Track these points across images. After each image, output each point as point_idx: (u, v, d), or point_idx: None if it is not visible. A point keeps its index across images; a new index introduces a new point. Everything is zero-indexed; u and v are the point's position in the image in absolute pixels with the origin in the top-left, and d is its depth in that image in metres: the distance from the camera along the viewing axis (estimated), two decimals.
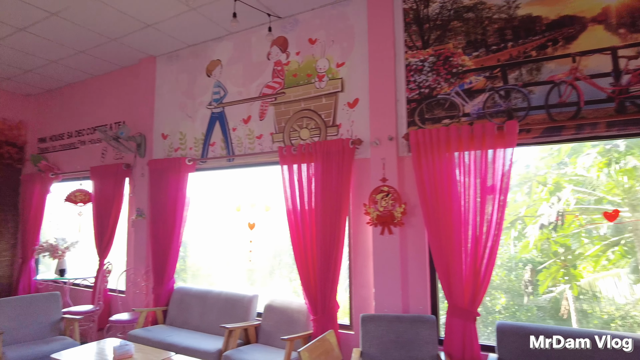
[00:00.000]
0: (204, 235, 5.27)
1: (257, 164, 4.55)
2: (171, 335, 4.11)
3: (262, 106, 4.50)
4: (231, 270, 5.00)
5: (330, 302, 3.68)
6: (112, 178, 5.43)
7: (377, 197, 3.62)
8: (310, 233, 3.83)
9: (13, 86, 6.63)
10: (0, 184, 6.68)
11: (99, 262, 5.37)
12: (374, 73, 3.84)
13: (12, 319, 4.04)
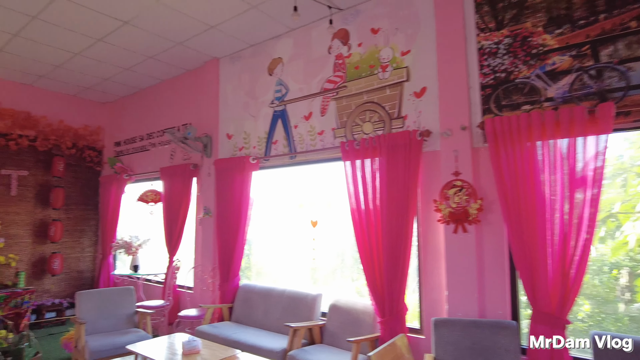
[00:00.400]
0: (268, 233, 5.27)
1: (318, 160, 4.45)
2: (236, 333, 4.13)
3: (323, 101, 4.40)
4: (294, 268, 4.95)
5: (398, 304, 3.48)
6: (181, 178, 5.62)
7: (449, 192, 3.36)
8: (376, 231, 3.66)
9: (92, 95, 7.14)
10: (83, 186, 7.22)
11: (169, 259, 5.58)
12: (443, 59, 3.58)
13: (93, 310, 4.29)
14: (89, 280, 7.18)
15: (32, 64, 5.80)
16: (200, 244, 5.44)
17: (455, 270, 3.33)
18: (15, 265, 6.20)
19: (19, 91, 6.54)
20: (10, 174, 6.35)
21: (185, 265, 5.61)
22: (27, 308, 5.79)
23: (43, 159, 6.73)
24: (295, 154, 4.57)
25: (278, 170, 4.97)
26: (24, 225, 6.47)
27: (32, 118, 6.56)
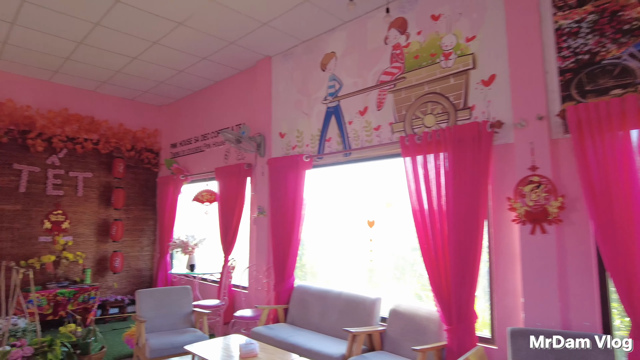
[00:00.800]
0: (321, 233, 5.13)
1: (375, 157, 4.25)
2: (293, 336, 4.01)
3: (379, 95, 4.19)
4: (350, 270, 4.77)
5: (467, 311, 3.20)
6: (235, 177, 5.63)
7: (525, 189, 3.04)
8: (441, 232, 3.40)
9: (149, 98, 7.37)
10: (142, 186, 7.48)
11: (224, 259, 5.60)
12: (514, 43, 3.26)
13: (152, 309, 4.35)
14: (147, 279, 7.42)
15: (94, 71, 6.05)
16: (254, 243, 5.41)
17: (532, 276, 3.01)
18: (82, 262, 6.51)
19: (83, 97, 6.87)
20: (77, 175, 6.68)
21: (240, 265, 5.61)
22: (93, 303, 6.06)
23: (105, 161, 7.03)
24: (350, 150, 4.39)
25: (332, 168, 4.81)
26: (89, 224, 6.79)
27: (95, 122, 6.87)
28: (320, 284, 4.85)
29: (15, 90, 6.17)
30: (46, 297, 5.66)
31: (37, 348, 4.15)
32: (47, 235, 6.31)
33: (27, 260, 6.02)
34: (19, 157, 6.15)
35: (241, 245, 5.69)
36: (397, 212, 4.23)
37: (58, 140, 6.42)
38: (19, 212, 6.11)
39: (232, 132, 5.07)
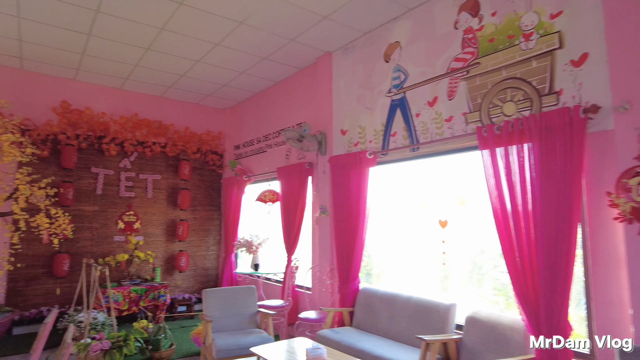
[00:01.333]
0: (388, 233, 4.89)
1: (447, 151, 3.94)
2: (360, 341, 3.82)
3: (450, 83, 3.88)
4: (420, 273, 4.49)
5: (559, 322, 2.82)
6: (297, 177, 5.55)
7: (631, 182, 2.62)
8: (527, 232, 3.04)
9: (213, 101, 7.55)
10: (208, 187, 7.68)
11: (287, 259, 5.54)
12: (611, 14, 2.83)
13: (218, 308, 4.37)
14: (213, 278, 7.59)
15: (161, 76, 6.28)
16: (317, 243, 5.30)
17: None
18: (152, 261, 6.79)
19: (152, 103, 7.18)
20: (147, 178, 6.99)
21: (304, 265, 5.52)
22: (163, 301, 6.27)
23: (172, 163, 7.30)
24: (418, 145, 4.12)
25: (398, 165, 4.57)
26: (159, 224, 7.07)
27: (163, 126, 7.15)
28: (387, 287, 4.61)
29: (92, 98, 6.58)
30: (121, 293, 5.94)
31: (114, 342, 4.32)
32: (121, 234, 6.65)
33: (104, 258, 6.38)
34: (95, 161, 6.54)
35: (304, 246, 5.60)
36: (473, 211, 3.89)
37: (129, 145, 6.75)
38: (97, 213, 6.50)
39: (294, 130, 4.99)
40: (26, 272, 5.85)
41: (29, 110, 6.02)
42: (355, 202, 4.55)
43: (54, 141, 6.16)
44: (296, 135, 4.97)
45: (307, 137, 4.95)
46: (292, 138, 4.99)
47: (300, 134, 4.95)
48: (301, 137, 4.94)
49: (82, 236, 6.32)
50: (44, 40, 5.08)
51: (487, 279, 3.97)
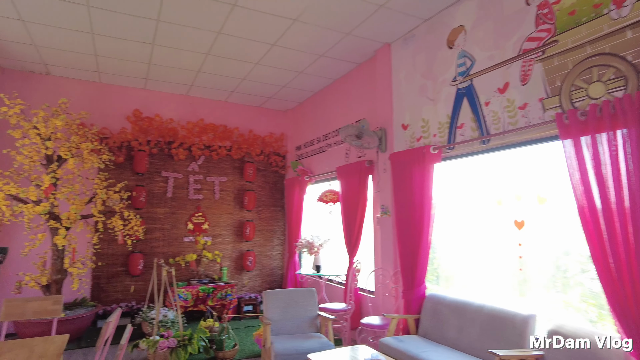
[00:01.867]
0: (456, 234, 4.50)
1: (522, 142, 3.50)
2: (426, 351, 3.52)
3: (524, 67, 3.43)
4: (494, 278, 4.05)
5: None
6: (357, 176, 5.34)
7: None
8: (623, 234, 2.55)
9: (274, 104, 7.59)
10: (271, 188, 7.74)
11: (349, 261, 5.35)
12: None
13: (278, 311, 4.30)
14: (279, 277, 7.63)
15: (223, 81, 6.41)
16: (379, 245, 5.05)
17: None
18: (220, 261, 6.97)
19: (216, 107, 7.39)
20: (214, 180, 7.19)
21: (366, 268, 5.29)
22: (230, 301, 6.39)
23: (237, 166, 7.45)
24: (488, 137, 3.71)
25: (466, 160, 4.17)
26: (226, 225, 7.24)
27: (227, 130, 7.33)
28: (457, 293, 4.24)
29: (161, 106, 6.92)
30: (190, 292, 6.15)
31: (180, 341, 4.43)
32: (190, 235, 6.91)
33: (175, 258, 6.66)
34: (166, 166, 6.86)
35: (366, 247, 5.37)
36: (554, 209, 3.40)
37: (197, 149, 6.99)
38: (168, 215, 6.81)
39: (352, 126, 4.79)
40: (107, 270, 6.28)
41: (106, 119, 6.47)
42: (419, 202, 4.24)
43: (128, 148, 6.56)
44: (355, 131, 4.77)
45: (366, 133, 4.72)
46: (350, 135, 4.79)
47: (358, 130, 4.73)
48: (360, 134, 4.72)
49: (154, 237, 6.65)
50: (115, 53, 5.40)
51: (574, 284, 3.45)
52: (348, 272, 5.29)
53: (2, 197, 4.66)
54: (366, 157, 5.39)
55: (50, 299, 3.60)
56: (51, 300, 3.60)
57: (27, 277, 5.06)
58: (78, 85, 6.37)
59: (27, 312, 3.53)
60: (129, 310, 6.22)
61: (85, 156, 5.36)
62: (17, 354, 2.66)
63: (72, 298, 5.81)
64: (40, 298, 3.59)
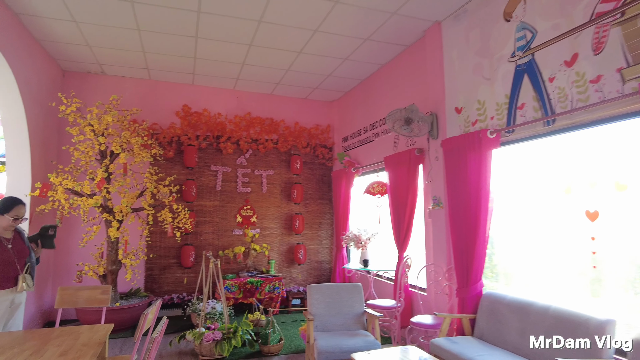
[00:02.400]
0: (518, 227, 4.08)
1: (595, 121, 3.04)
2: (482, 355, 3.18)
3: (597, 33, 2.97)
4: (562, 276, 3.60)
5: None
6: (406, 166, 5.04)
7: None
8: None
9: (320, 94, 7.41)
10: (318, 181, 7.59)
11: (398, 255, 5.07)
12: None
13: (322, 306, 4.13)
14: (327, 272, 7.48)
15: (268, 72, 6.33)
16: (431, 239, 4.72)
17: None
18: (268, 254, 6.94)
19: (263, 101, 7.35)
20: (261, 173, 7.17)
21: (417, 263, 4.98)
22: (277, 294, 6.34)
23: (284, 159, 7.38)
24: (554, 117, 3.28)
25: (528, 143, 3.73)
26: (274, 218, 7.21)
27: (274, 123, 7.27)
28: (518, 292, 3.83)
29: (209, 101, 6.99)
30: (238, 284, 6.16)
31: (225, 333, 4.41)
32: (239, 228, 6.94)
33: (224, 251, 6.72)
34: (214, 160, 6.93)
35: (416, 241, 5.06)
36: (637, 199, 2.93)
37: (244, 142, 7.00)
38: (217, 208, 6.88)
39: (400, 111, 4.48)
40: (159, 261, 6.46)
41: (157, 115, 6.64)
42: (475, 191, 3.87)
43: (178, 142, 6.69)
44: (404, 115, 4.45)
45: (416, 118, 4.40)
46: (399, 120, 4.49)
47: (407, 115, 4.42)
48: (409, 119, 4.40)
49: (204, 230, 6.75)
50: (161, 48, 5.48)
51: None
52: (397, 267, 5.02)
53: (62, 191, 4.88)
54: (416, 145, 5.06)
55: (100, 289, 3.68)
56: (100, 289, 3.68)
57: (86, 267, 5.30)
58: (130, 83, 6.58)
59: (79, 301, 3.64)
60: (180, 302, 6.36)
61: (136, 151, 5.50)
62: (64, 340, 2.71)
63: (128, 288, 6.04)
64: (91, 287, 3.68)
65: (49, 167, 5.54)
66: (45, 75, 5.56)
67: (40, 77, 5.32)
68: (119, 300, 5.41)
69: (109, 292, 3.70)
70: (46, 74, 5.58)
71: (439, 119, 4.64)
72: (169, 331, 5.40)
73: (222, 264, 6.73)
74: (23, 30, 4.86)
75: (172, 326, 5.59)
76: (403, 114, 4.42)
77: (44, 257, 5.63)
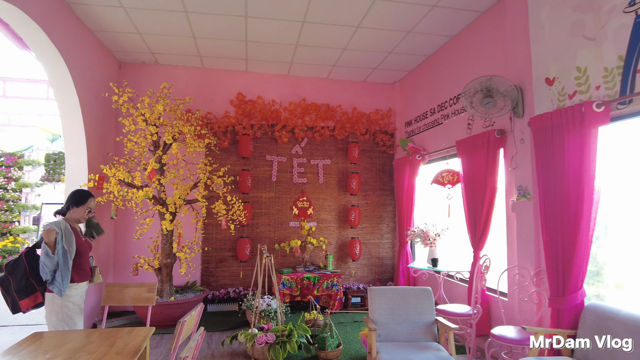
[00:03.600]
0: (633, 224, 3.27)
1: None
2: None
3: None
4: None
5: None
6: (483, 150, 4.34)
7: None
8: None
9: (380, 76, 6.80)
10: (378, 171, 7.02)
11: (473, 255, 4.41)
12: None
13: (386, 312, 3.61)
14: (389, 268, 6.92)
15: (323, 53, 5.85)
16: (514, 236, 4.01)
17: None
18: (325, 248, 6.53)
19: (318, 85, 6.90)
20: (317, 163, 6.75)
21: (497, 264, 4.29)
22: (336, 291, 5.92)
23: (341, 147, 6.89)
24: None
25: None
26: (330, 210, 6.77)
27: (330, 109, 6.79)
28: (635, 306, 3.05)
29: (263, 88, 6.67)
30: (295, 279, 5.82)
31: (278, 336, 4.06)
32: (295, 220, 6.59)
33: (280, 244, 6.41)
34: (269, 149, 6.62)
35: (496, 238, 4.36)
36: None
37: (299, 130, 6.61)
38: (273, 199, 6.58)
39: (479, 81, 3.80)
40: (215, 254, 6.30)
41: (211, 105, 6.44)
42: (576, 179, 3.13)
43: (233, 132, 6.45)
44: (484, 85, 3.76)
45: (497, 92, 3.69)
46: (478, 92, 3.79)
47: (488, 84, 3.72)
48: (489, 92, 3.71)
49: (260, 222, 6.49)
50: (210, 32, 5.19)
51: None
52: (473, 268, 4.36)
53: (115, 183, 4.79)
54: (495, 126, 4.33)
55: (146, 287, 3.47)
56: (146, 287, 3.47)
57: (142, 259, 5.21)
58: (184, 72, 6.43)
59: (126, 298, 3.46)
60: (236, 296, 6.15)
61: (189, 141, 5.31)
62: (98, 346, 2.47)
63: (184, 281, 5.93)
64: (137, 285, 3.48)
65: (106, 159, 5.52)
66: (101, 67, 5.52)
67: (94, 69, 5.27)
68: (173, 294, 5.27)
69: (155, 291, 3.48)
70: (102, 66, 5.55)
71: (524, 94, 3.89)
72: (223, 328, 5.18)
73: (279, 257, 6.44)
74: (76, 21, 4.79)
75: (227, 322, 5.38)
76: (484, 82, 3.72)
77: (105, 249, 5.66)
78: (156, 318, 5.00)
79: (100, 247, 5.49)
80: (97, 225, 3.60)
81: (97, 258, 5.39)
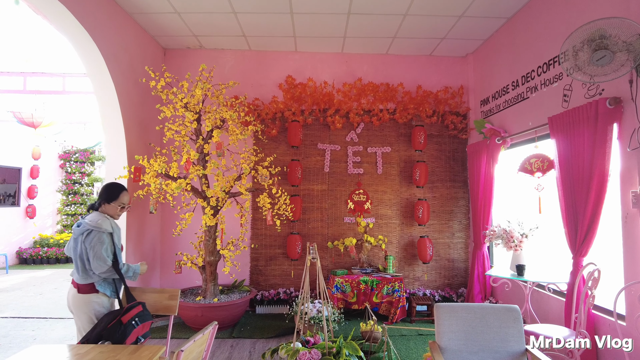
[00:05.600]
0: None
1: None
2: None
3: None
4: None
5: None
6: (587, 127, 3.32)
7: None
8: None
9: (449, 47, 5.83)
10: (448, 158, 6.07)
11: (574, 262, 3.42)
12: None
13: (457, 337, 2.80)
14: (461, 272, 5.97)
15: (380, 23, 5.05)
16: (636, 241, 2.97)
17: None
18: (384, 247, 5.76)
19: (376, 63, 6.10)
20: (375, 151, 5.98)
21: (608, 275, 3.26)
22: (398, 298, 5.15)
23: (404, 132, 6.04)
24: None
25: None
26: (391, 204, 5.98)
27: (390, 89, 5.96)
28: None
29: (315, 68, 6.02)
30: (350, 282, 5.15)
31: (324, 354, 3.42)
32: (350, 215, 5.90)
33: (333, 242, 5.76)
34: (322, 137, 5.98)
35: (606, 242, 3.33)
36: None
37: (354, 115, 5.87)
38: (325, 192, 5.94)
39: (586, 31, 2.82)
40: (265, 252, 5.81)
41: (259, 90, 5.94)
42: None
43: (282, 119, 5.90)
44: (596, 34, 2.78)
45: (614, 43, 2.69)
46: (585, 44, 2.82)
47: (600, 35, 2.74)
48: (601, 42, 2.72)
49: (312, 217, 5.88)
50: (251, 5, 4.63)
51: None
52: (573, 279, 3.38)
53: (152, 174, 4.44)
54: (605, 94, 3.28)
55: (167, 293, 3.00)
56: (168, 294, 2.99)
57: (185, 257, 4.85)
58: (231, 55, 5.98)
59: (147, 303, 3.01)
60: (287, 297, 5.62)
61: (231, 128, 4.83)
62: None
63: (231, 280, 5.52)
64: (157, 290, 3.02)
65: (148, 149, 5.22)
66: (143, 53, 5.23)
67: (133, 54, 4.96)
68: (217, 295, 4.85)
69: (177, 298, 2.99)
70: (144, 53, 5.25)
71: None
72: (269, 334, 4.66)
73: (332, 257, 5.80)
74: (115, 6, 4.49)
75: (274, 328, 4.85)
76: (595, 30, 2.74)
77: (150, 245, 5.40)
78: (197, 321, 4.62)
79: (145, 243, 5.23)
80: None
81: (143, 254, 5.13)
